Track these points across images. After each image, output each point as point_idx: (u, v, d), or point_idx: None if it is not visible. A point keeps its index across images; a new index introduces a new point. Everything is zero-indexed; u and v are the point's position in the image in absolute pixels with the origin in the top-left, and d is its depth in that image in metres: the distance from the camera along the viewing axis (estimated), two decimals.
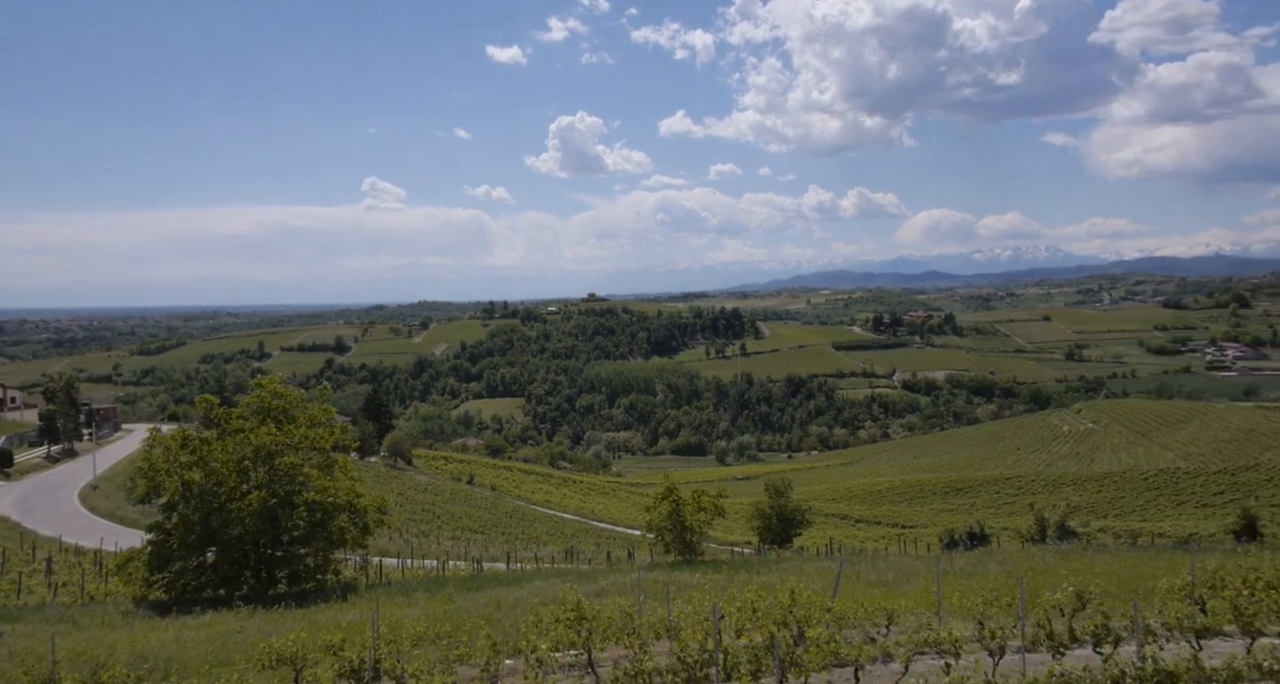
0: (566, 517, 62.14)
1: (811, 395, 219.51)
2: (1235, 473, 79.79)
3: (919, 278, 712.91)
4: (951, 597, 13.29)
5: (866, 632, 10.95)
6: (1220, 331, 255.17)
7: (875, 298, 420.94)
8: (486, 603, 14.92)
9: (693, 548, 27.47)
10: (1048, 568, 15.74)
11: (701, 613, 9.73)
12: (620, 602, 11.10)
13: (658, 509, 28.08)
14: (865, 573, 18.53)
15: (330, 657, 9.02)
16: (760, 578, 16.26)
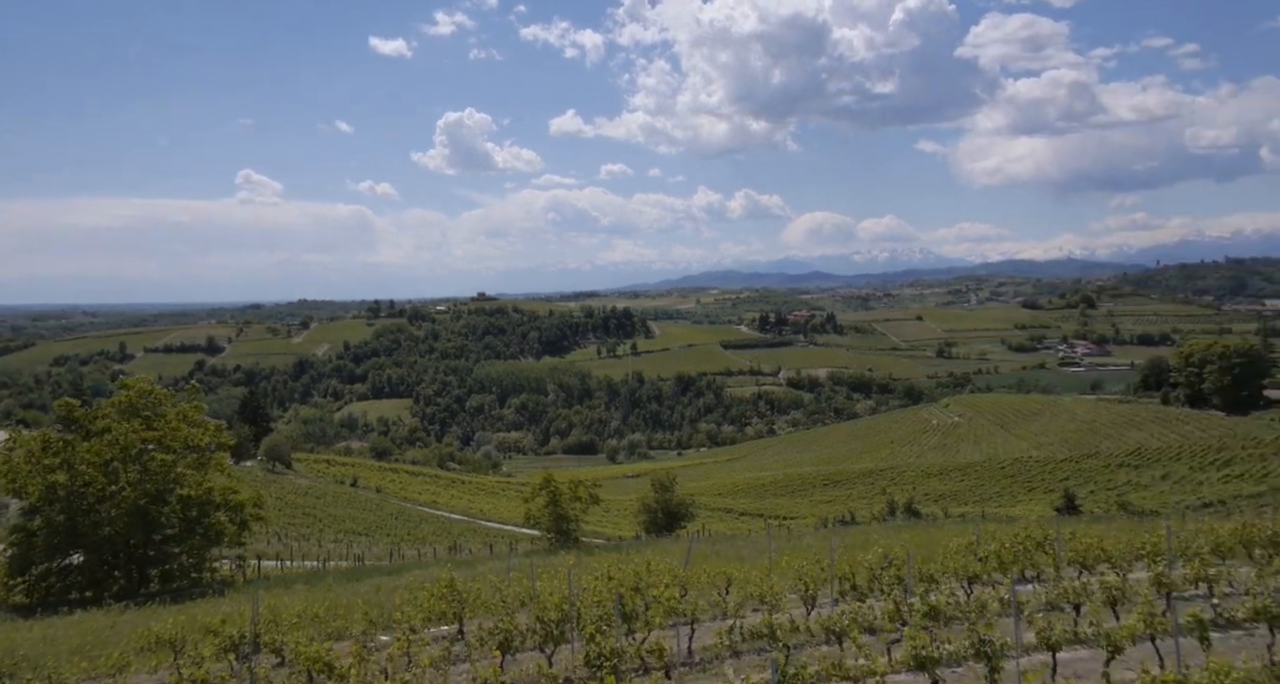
0: (454, 517, 61.84)
1: (701, 393, 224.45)
2: (1079, 460, 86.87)
3: (803, 278, 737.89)
4: (781, 563, 15.32)
5: (710, 594, 12.29)
6: (1071, 330, 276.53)
7: (762, 298, 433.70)
8: (367, 590, 15.35)
9: (569, 535, 28.51)
10: (875, 540, 17.75)
11: (563, 583, 10.73)
12: (491, 578, 11.90)
13: (535, 499, 28.94)
14: (725, 551, 20.55)
15: (210, 637, 9.36)
16: (626, 556, 17.44)
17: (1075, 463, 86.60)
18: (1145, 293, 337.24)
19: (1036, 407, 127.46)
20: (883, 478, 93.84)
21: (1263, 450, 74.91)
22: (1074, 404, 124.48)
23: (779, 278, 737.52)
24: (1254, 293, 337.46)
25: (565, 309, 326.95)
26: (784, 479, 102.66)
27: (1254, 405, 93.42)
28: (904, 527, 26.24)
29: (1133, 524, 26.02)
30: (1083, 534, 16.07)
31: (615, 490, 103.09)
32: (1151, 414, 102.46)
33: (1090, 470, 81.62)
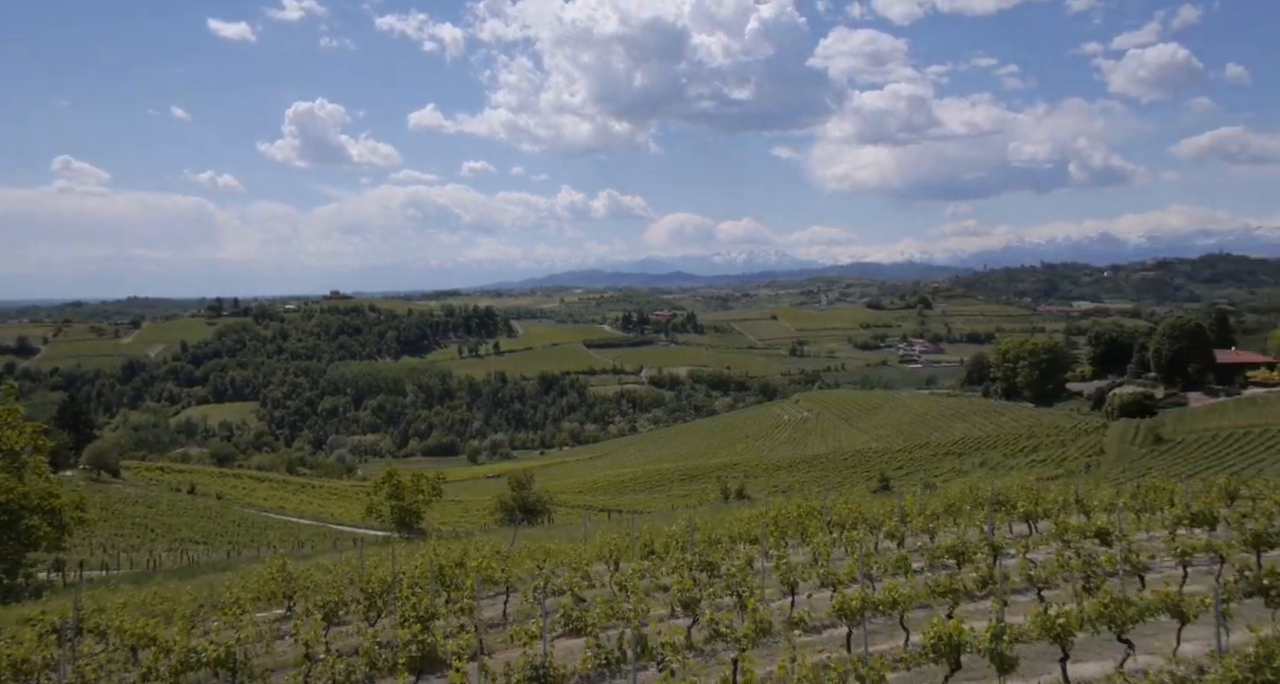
0: (303, 522, 59.62)
1: (564, 392, 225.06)
2: (912, 450, 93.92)
3: (666, 278, 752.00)
4: (597, 538, 17.03)
5: (529, 566, 13.37)
6: (910, 329, 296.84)
7: (625, 297, 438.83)
8: (198, 584, 15.12)
9: (413, 528, 28.66)
10: (698, 520, 20.02)
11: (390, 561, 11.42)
12: (324, 562, 12.29)
13: (378, 492, 28.94)
14: (556, 533, 21.87)
15: (27, 627, 9.25)
16: (460, 540, 18.27)
17: (909, 452, 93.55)
18: (974, 294, 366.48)
19: (877, 402, 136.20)
20: (737, 471, 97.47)
21: (1063, 437, 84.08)
22: (910, 399, 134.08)
23: (642, 278, 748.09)
24: (1064, 295, 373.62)
25: (426, 308, 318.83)
26: (643, 476, 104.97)
27: (1058, 397, 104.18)
28: (724, 508, 28.60)
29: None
30: (851, 504, 19.97)
31: (476, 491, 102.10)
32: (974, 407, 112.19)
33: (921, 459, 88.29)
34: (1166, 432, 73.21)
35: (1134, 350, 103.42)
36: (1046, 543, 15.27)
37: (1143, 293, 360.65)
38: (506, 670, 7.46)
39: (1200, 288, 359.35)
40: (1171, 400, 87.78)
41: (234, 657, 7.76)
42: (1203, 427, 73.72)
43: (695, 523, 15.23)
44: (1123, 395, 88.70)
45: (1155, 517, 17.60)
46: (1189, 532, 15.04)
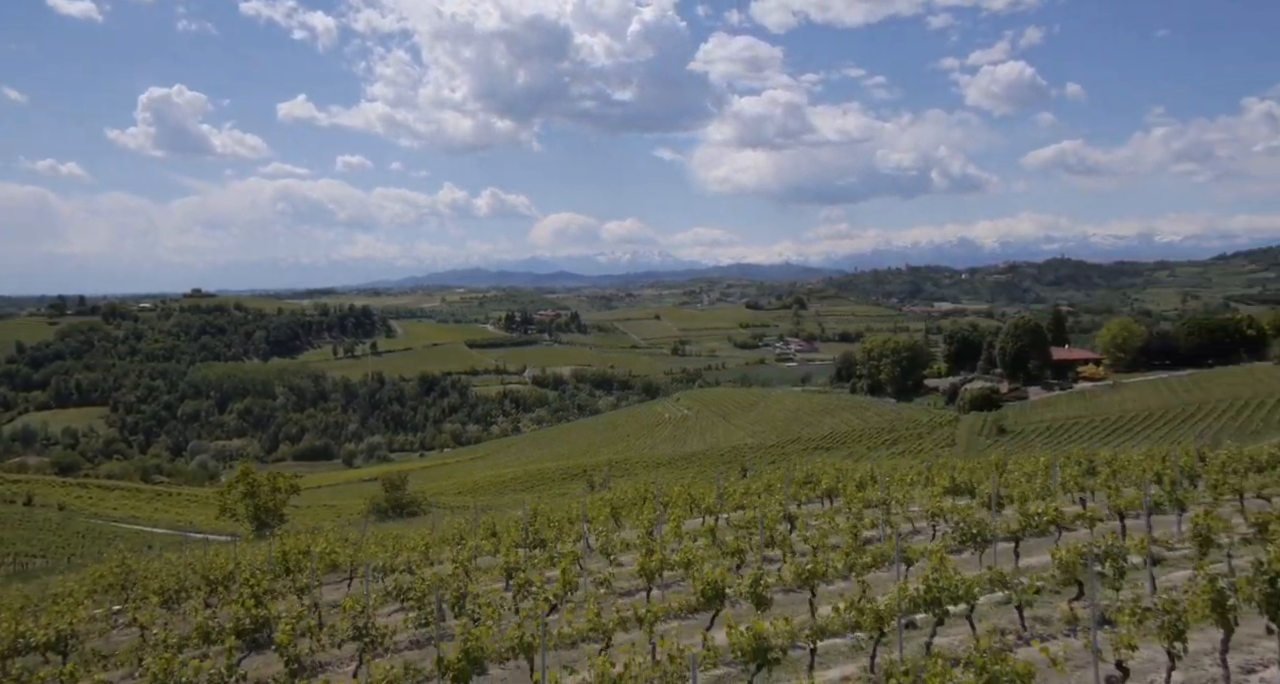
0: (158, 531, 56.34)
1: (446, 393, 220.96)
2: (784, 445, 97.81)
3: (550, 277, 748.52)
4: (443, 524, 17.99)
5: (376, 550, 13.88)
6: (786, 329, 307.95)
7: (509, 297, 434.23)
8: (32, 588, 14.47)
9: (269, 526, 28.08)
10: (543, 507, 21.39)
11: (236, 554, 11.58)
12: (168, 556, 12.24)
13: (232, 491, 28.22)
14: (416, 523, 22.60)
15: None
16: (313, 533, 18.49)
17: (781, 447, 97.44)
18: (845, 295, 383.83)
19: (754, 399, 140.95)
20: (617, 470, 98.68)
21: (920, 430, 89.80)
22: (784, 396, 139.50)
23: (526, 277, 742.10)
24: (927, 296, 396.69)
25: (298, 307, 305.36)
26: (524, 475, 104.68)
27: (917, 393, 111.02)
28: (579, 497, 30.08)
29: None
30: (682, 487, 22.77)
31: (351, 495, 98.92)
32: (842, 403, 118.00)
33: (792, 453, 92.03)
34: (1008, 423, 79.50)
35: (983, 348, 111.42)
36: (838, 512, 17.99)
37: (996, 294, 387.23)
38: (331, 633, 7.94)
39: (1045, 290, 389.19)
40: (1014, 394, 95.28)
41: (65, 640, 7.79)
42: (1039, 418, 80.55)
43: (540, 509, 16.14)
44: (972, 390, 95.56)
45: (927, 489, 20.62)
46: (953, 500, 17.71)
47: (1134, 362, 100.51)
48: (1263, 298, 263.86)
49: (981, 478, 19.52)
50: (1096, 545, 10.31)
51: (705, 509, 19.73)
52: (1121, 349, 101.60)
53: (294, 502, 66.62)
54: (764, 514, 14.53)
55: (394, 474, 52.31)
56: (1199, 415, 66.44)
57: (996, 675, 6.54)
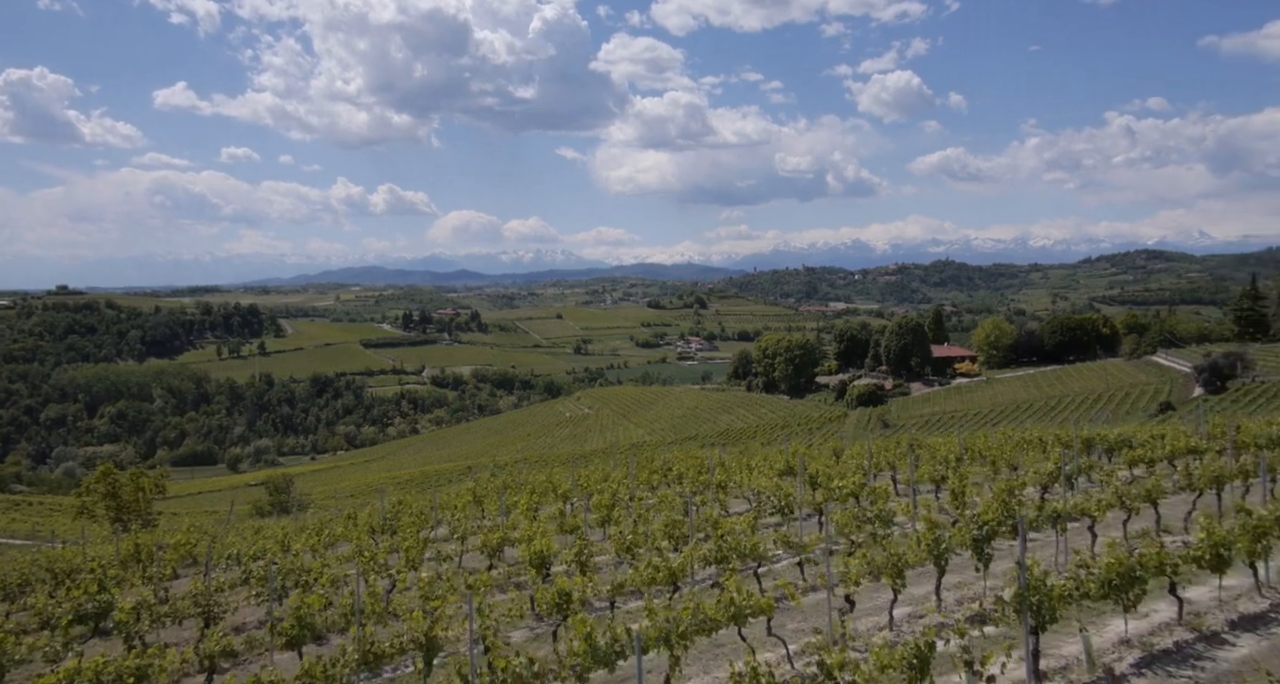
0: (14, 542, 52.62)
1: (339, 394, 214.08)
2: (681, 442, 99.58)
3: (451, 276, 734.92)
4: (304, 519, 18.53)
5: (235, 540, 14.05)
6: (687, 328, 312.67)
7: (407, 296, 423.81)
8: None
9: (126, 523, 27.03)
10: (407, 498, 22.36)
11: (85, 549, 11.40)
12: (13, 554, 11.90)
13: (91, 492, 27.01)
14: (281, 520, 22.81)
15: None
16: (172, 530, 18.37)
17: (679, 444, 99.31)
18: (745, 295, 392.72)
19: (653, 397, 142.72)
20: (516, 469, 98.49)
21: (811, 426, 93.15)
22: (683, 394, 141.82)
23: (426, 276, 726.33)
24: (822, 296, 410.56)
25: (177, 305, 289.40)
26: (420, 476, 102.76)
27: (809, 389, 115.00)
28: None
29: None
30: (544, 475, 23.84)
31: (236, 500, 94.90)
32: (738, 400, 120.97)
33: (688, 450, 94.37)
34: (891, 417, 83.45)
35: (870, 347, 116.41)
36: (680, 494, 20.05)
37: (887, 294, 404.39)
38: (174, 612, 8.09)
39: (932, 290, 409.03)
40: (898, 390, 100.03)
41: None
42: (919, 412, 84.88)
43: (404, 499, 16.51)
44: (859, 387, 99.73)
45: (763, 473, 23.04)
46: (778, 480, 19.96)
47: (1005, 358, 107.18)
48: (1121, 299, 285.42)
49: (810, 461, 22.08)
50: (870, 511, 12.48)
51: (561, 495, 21.30)
52: (994, 347, 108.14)
53: (174, 508, 63.37)
54: (613, 496, 15.58)
55: (279, 477, 50.62)
56: (1059, 408, 71.51)
57: (741, 608, 8.31)
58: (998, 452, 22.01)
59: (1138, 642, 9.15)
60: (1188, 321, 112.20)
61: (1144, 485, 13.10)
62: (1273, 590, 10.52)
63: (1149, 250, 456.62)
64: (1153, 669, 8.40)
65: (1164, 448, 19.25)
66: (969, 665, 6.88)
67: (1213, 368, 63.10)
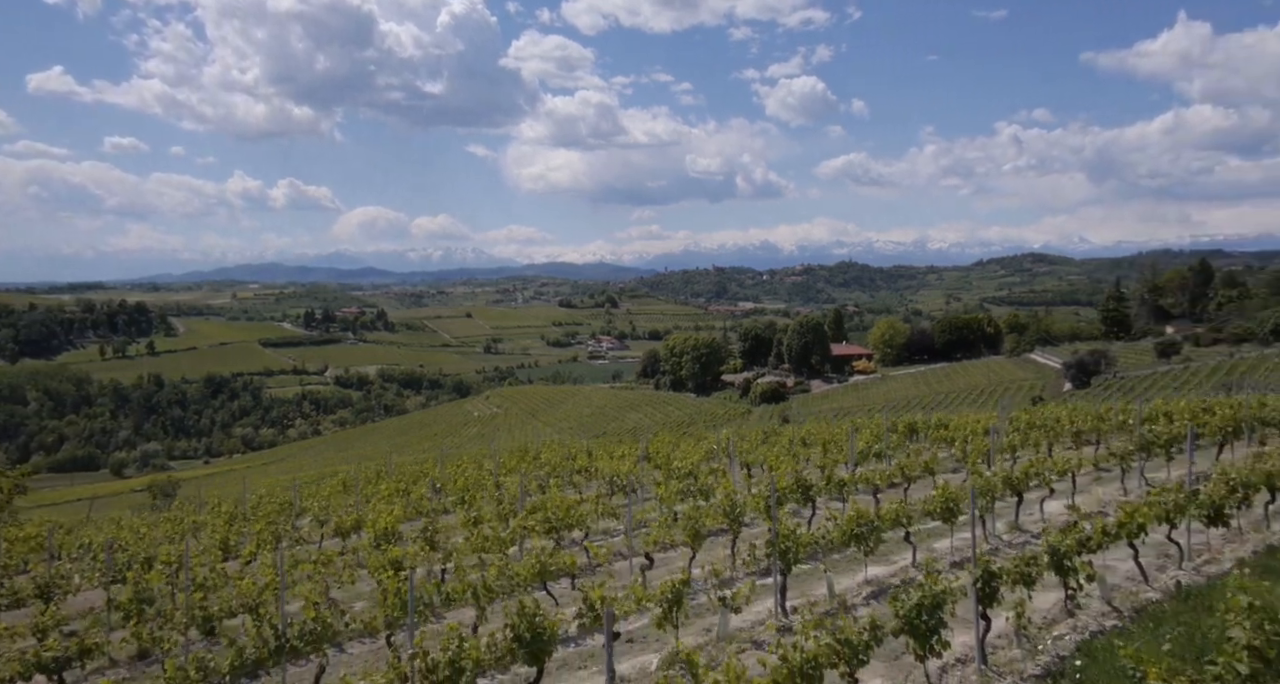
0: None
1: (236, 395, 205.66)
2: (589, 439, 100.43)
3: (356, 274, 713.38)
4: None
5: (93, 532, 14.28)
6: (599, 327, 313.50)
7: (310, 293, 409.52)
8: None
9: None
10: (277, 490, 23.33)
11: None
12: None
13: None
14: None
15: None
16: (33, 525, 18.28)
17: (587, 442, 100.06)
18: (656, 295, 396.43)
19: (563, 396, 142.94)
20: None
21: (716, 423, 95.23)
22: (592, 392, 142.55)
23: (330, 273, 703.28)
24: (732, 296, 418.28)
25: (55, 302, 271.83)
26: (319, 477, 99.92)
27: (715, 387, 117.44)
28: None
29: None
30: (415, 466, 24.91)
31: (120, 506, 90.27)
32: (646, 398, 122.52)
33: (597, 445, 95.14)
34: (791, 414, 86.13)
35: (774, 345, 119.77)
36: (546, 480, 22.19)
37: (793, 294, 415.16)
38: (14, 593, 8.35)
39: (836, 291, 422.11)
40: (799, 387, 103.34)
41: None
42: (817, 408, 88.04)
43: (272, 491, 16.90)
44: (762, 385, 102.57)
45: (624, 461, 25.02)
46: (637, 465, 22.25)
47: (899, 356, 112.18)
48: (1009, 300, 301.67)
49: (674, 448, 24.02)
50: (695, 486, 14.15)
51: (429, 482, 22.64)
52: (889, 345, 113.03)
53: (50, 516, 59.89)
54: (472, 481, 16.45)
55: (164, 481, 48.75)
56: (945, 402, 75.51)
57: (547, 565, 9.83)
58: (828, 435, 25.50)
59: (876, 582, 11.04)
60: (1062, 321, 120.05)
61: (925, 460, 15.70)
62: (997, 538, 12.90)
63: (1034, 254, 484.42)
64: (879, 599, 10.20)
65: (966, 430, 22.79)
66: (723, 601, 8.34)
67: (1079, 365, 67.95)
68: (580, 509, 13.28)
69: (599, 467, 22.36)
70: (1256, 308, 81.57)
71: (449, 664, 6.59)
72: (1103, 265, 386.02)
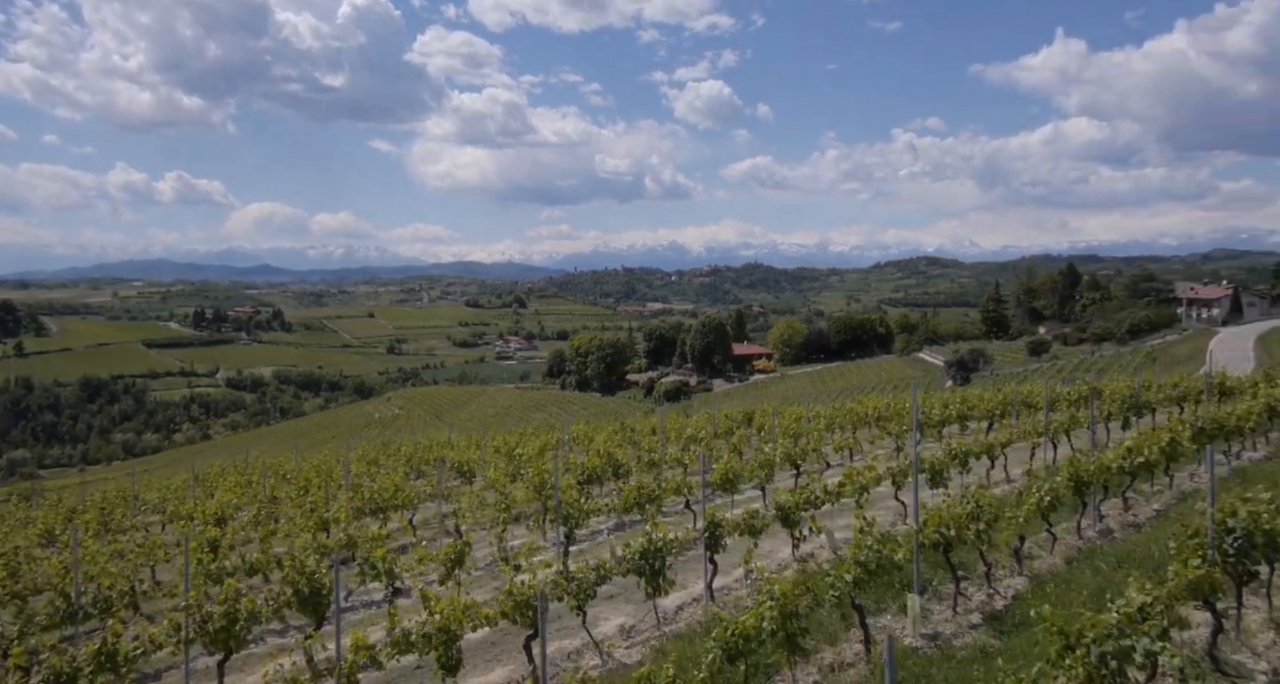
0: None
1: (116, 399, 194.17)
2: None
3: (251, 272, 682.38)
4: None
5: None
6: (507, 327, 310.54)
7: (201, 292, 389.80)
8: None
9: None
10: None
11: None
12: None
13: None
14: None
15: None
16: None
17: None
18: (565, 295, 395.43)
19: (468, 396, 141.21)
20: (316, 472, 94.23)
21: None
22: (497, 393, 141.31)
23: (223, 270, 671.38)
24: (641, 296, 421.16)
25: None
26: (188, 479, 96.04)
27: (620, 386, 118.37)
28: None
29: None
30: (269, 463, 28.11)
31: None
32: (551, 398, 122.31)
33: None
34: (693, 412, 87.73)
35: (677, 345, 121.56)
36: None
37: (701, 295, 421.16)
38: None
39: (743, 292, 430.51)
40: (701, 386, 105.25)
41: None
42: (718, 407, 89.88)
43: (123, 487, 16.95)
44: (666, 384, 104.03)
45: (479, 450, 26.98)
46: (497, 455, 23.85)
47: (798, 355, 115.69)
48: (905, 301, 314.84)
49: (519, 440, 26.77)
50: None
51: (283, 476, 23.80)
52: (788, 345, 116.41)
53: None
54: (323, 473, 17.00)
55: (25, 488, 45.81)
56: (839, 399, 78.45)
57: (354, 538, 10.87)
58: (682, 426, 27.80)
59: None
60: (950, 322, 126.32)
61: (733, 441, 18.13)
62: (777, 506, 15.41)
63: (929, 257, 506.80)
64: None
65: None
66: (505, 560, 9.63)
67: (960, 363, 71.87)
68: (406, 491, 14.49)
69: (463, 458, 23.65)
70: (1115, 309, 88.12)
71: (224, 616, 7.69)
72: (990, 269, 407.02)
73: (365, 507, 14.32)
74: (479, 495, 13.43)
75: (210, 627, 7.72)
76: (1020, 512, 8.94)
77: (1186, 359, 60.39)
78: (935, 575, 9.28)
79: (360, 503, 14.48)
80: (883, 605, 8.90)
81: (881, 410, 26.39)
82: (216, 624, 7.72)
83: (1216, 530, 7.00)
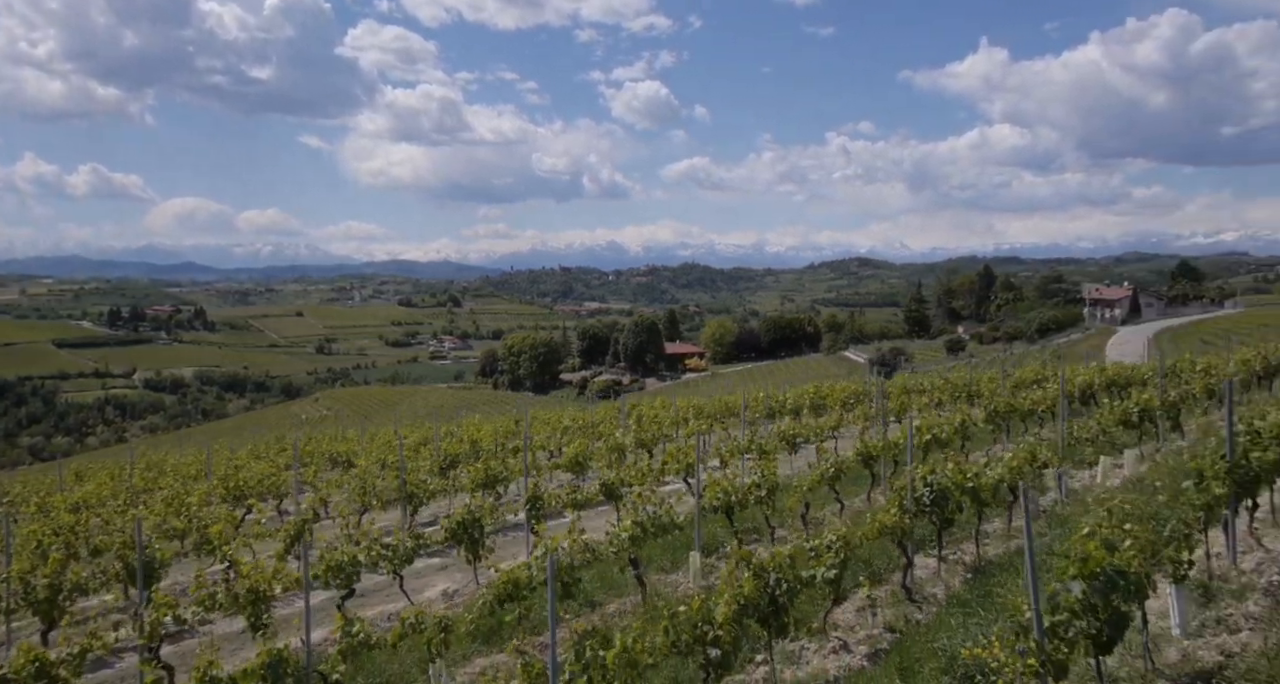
0: None
1: (23, 401, 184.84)
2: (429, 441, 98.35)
3: (173, 269, 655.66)
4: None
5: None
6: (441, 327, 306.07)
7: (117, 290, 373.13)
8: None
9: None
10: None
11: None
12: None
13: None
14: None
15: None
16: None
17: (426, 444, 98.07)
18: (501, 294, 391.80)
19: (398, 397, 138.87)
20: (238, 474, 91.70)
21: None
22: (429, 393, 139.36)
23: (142, 267, 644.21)
24: (578, 296, 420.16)
25: None
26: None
27: (554, 386, 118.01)
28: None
29: None
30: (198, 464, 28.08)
31: None
32: (484, 397, 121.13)
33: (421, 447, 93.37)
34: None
35: (611, 344, 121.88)
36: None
37: (639, 295, 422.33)
38: None
39: (680, 292, 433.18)
40: (634, 385, 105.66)
41: None
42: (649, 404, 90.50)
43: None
44: (599, 382, 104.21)
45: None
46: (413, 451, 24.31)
47: (730, 354, 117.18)
48: (837, 301, 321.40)
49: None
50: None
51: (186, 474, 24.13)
52: (719, 344, 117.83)
53: None
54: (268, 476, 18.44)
55: None
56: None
57: (204, 520, 11.59)
58: (556, 421, 29.23)
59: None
60: (875, 322, 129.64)
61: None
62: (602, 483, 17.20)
63: (860, 258, 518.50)
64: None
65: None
66: (349, 537, 10.15)
67: (881, 361, 73.93)
68: (275, 480, 15.72)
69: (338, 449, 24.59)
70: (1026, 309, 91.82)
71: (46, 587, 8.53)
72: (919, 270, 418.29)
73: (229, 494, 15.14)
74: (345, 482, 14.01)
75: (33, 597, 8.50)
76: (806, 481, 10.30)
77: (1087, 356, 63.37)
78: (730, 541, 10.48)
79: (224, 492, 15.31)
80: (679, 564, 10.24)
81: (748, 402, 28.16)
82: (39, 594, 8.46)
83: (916, 487, 8.38)
